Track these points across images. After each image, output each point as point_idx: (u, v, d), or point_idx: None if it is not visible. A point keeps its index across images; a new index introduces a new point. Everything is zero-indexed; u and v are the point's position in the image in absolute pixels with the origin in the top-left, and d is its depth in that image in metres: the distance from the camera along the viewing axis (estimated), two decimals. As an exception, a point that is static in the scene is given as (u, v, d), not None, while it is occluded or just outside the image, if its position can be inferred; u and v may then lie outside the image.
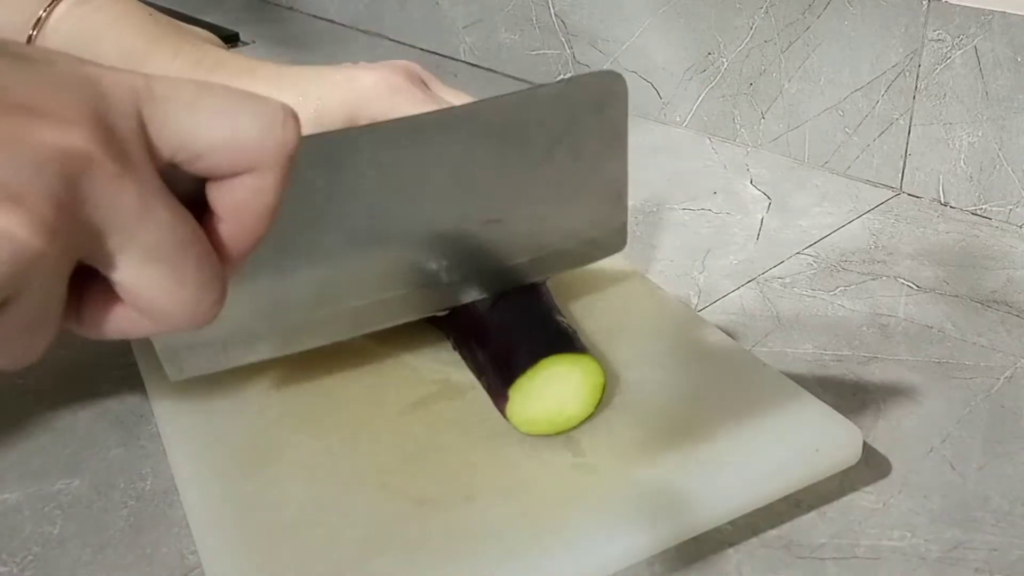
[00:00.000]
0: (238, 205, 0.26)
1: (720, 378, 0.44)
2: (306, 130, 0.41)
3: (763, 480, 0.39)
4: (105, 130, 0.24)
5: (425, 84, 0.46)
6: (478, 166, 0.40)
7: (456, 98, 0.46)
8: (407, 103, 0.44)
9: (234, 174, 0.26)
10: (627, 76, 0.42)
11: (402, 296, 0.42)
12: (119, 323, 0.26)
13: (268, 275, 0.38)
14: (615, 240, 0.46)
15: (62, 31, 0.44)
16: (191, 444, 0.41)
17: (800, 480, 0.39)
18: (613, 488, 0.38)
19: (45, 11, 0.44)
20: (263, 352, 0.41)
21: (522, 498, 0.38)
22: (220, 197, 0.26)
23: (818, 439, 0.40)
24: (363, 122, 0.44)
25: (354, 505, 0.38)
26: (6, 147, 0.22)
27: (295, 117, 0.26)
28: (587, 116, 0.41)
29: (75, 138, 0.23)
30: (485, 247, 0.42)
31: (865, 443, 0.42)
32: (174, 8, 1.23)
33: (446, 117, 0.40)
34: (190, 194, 0.25)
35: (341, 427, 0.42)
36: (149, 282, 0.24)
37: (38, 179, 0.22)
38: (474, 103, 0.41)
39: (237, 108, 0.26)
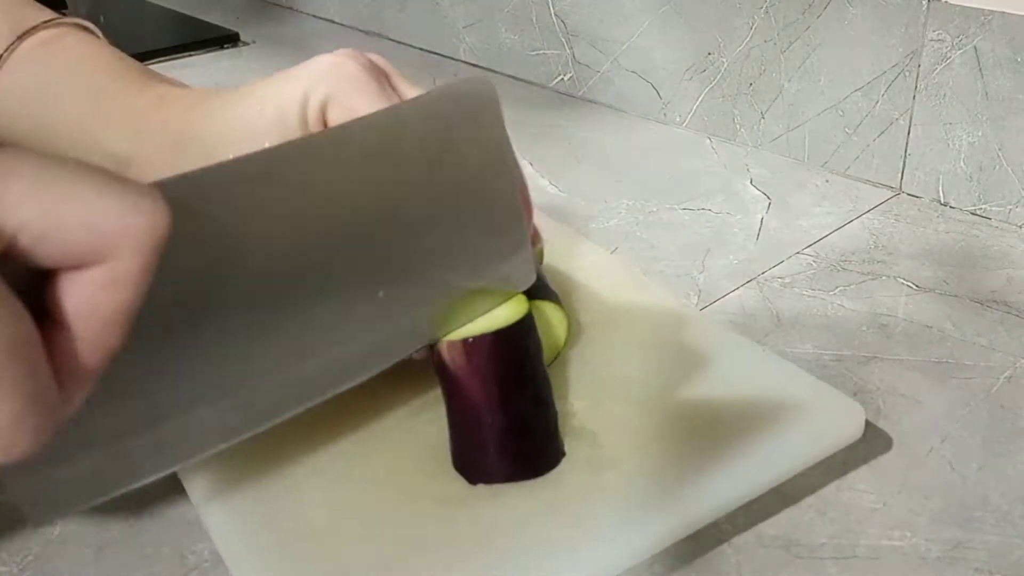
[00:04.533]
0: (86, 304, 0.22)
1: (724, 367, 0.45)
2: (272, 135, 0.40)
3: (775, 461, 0.40)
4: None
5: (387, 76, 0.44)
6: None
7: (412, 91, 0.42)
8: (358, 94, 0.40)
9: (83, 264, 0.21)
10: (627, 76, 0.42)
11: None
12: None
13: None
14: (525, 273, 0.41)
15: (29, 69, 0.44)
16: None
17: (811, 457, 0.41)
18: (633, 477, 0.39)
19: (7, 51, 0.44)
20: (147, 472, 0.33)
21: (544, 493, 0.38)
22: (64, 295, 0.21)
23: (822, 416, 0.42)
24: (313, 104, 0.39)
25: (377, 508, 0.38)
26: None
27: (164, 202, 0.22)
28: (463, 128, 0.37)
29: None
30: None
31: (865, 443, 0.42)
32: (175, 8, 1.23)
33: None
34: (27, 294, 0.21)
35: (350, 432, 0.42)
36: None
37: None
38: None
39: (94, 184, 0.21)
